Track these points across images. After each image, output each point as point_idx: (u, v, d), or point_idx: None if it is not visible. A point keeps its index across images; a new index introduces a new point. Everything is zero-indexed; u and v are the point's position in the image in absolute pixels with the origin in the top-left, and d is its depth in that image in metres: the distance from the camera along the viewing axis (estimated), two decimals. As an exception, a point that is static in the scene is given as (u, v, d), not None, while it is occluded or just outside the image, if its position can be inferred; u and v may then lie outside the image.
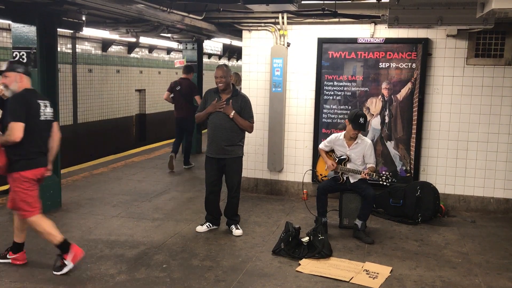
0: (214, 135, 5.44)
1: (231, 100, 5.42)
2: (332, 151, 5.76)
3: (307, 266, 4.70)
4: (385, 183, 5.43)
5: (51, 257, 4.73)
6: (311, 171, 6.79)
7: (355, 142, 5.59)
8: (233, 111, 5.38)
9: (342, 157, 5.60)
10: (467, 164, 6.64)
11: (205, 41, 10.82)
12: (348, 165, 5.59)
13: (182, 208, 6.61)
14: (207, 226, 5.71)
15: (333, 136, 5.78)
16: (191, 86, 9.25)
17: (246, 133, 5.47)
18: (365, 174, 5.40)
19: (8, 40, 8.87)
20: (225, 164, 5.49)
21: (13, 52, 5.99)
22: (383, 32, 6.66)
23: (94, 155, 10.99)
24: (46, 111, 4.42)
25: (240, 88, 7.30)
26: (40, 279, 4.30)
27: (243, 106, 5.47)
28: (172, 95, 9.17)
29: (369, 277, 4.50)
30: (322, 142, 5.94)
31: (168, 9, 6.41)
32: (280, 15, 6.81)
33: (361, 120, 5.45)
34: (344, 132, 5.68)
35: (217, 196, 5.67)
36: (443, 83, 6.61)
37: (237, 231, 5.59)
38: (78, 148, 11.18)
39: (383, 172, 5.55)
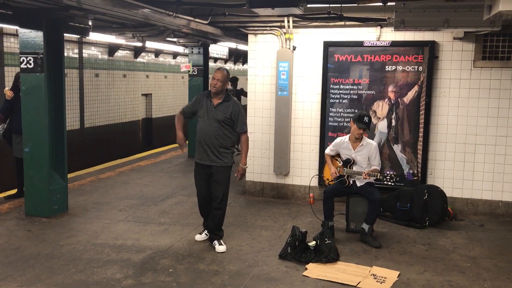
0: (202, 141, 5.13)
1: (240, 169, 5.23)
2: (339, 155, 5.74)
3: (314, 270, 4.68)
4: (389, 183, 5.41)
5: (58, 262, 4.76)
6: (318, 176, 6.79)
7: (360, 144, 5.56)
8: (245, 167, 5.26)
9: (348, 159, 5.58)
10: (475, 167, 6.60)
11: (211, 45, 10.84)
12: (354, 168, 5.56)
13: (189, 212, 6.60)
14: (206, 234, 5.46)
15: (338, 139, 5.76)
16: (238, 91, 11.97)
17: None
18: (365, 175, 5.38)
19: (16, 45, 8.94)
20: (212, 172, 5.17)
21: (21, 57, 6.03)
22: (389, 35, 6.64)
23: (100, 160, 11.02)
24: None
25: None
26: (47, 284, 4.31)
27: (237, 116, 5.12)
28: None
29: (377, 281, 4.47)
30: (328, 147, 5.92)
31: (174, 14, 6.42)
32: (285, 19, 6.81)
33: (366, 119, 5.45)
34: (349, 135, 5.66)
35: (210, 203, 5.31)
36: (450, 86, 6.57)
37: (220, 247, 5.16)
38: (85, 152, 11.22)
39: (387, 172, 5.51)
